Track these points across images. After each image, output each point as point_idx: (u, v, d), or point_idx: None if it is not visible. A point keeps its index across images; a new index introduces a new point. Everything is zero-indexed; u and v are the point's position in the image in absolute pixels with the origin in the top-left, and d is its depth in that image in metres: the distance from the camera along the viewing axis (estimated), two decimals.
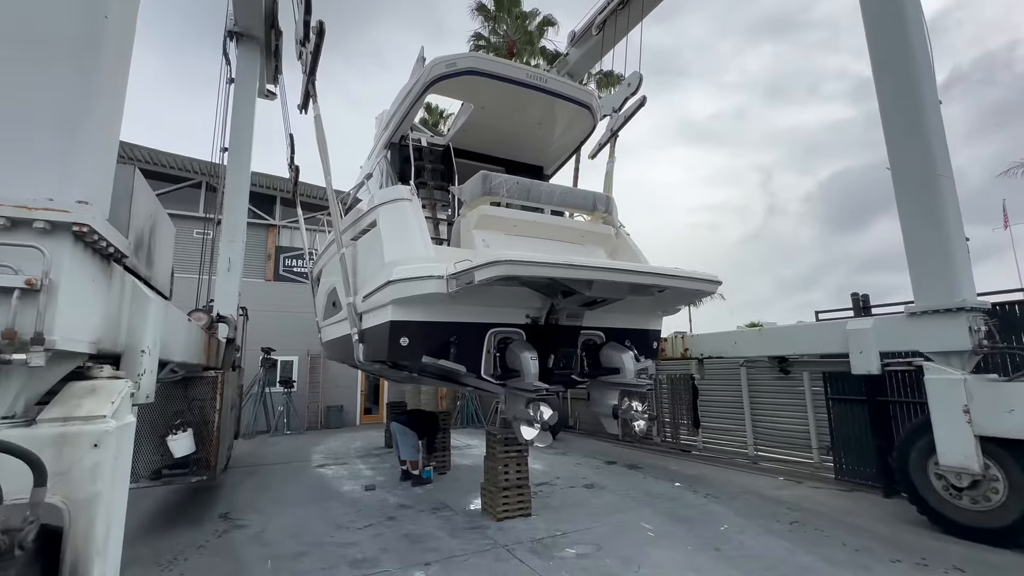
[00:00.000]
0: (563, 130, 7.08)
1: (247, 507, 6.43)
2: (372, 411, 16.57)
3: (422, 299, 4.58)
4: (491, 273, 3.81)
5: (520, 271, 3.78)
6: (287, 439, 12.91)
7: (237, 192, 9.82)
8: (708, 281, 4.80)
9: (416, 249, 4.79)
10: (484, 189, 5.22)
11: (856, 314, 6.84)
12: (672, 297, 5.27)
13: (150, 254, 2.69)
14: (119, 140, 2.15)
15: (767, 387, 8.59)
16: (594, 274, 4.03)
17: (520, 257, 3.78)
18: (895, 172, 5.45)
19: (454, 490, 7.15)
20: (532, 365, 4.61)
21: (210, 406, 5.75)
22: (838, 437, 7.03)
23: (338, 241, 5.99)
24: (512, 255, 3.76)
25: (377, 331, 5.08)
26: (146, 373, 2.37)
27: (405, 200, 5.23)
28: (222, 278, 9.41)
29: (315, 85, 6.37)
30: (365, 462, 9.49)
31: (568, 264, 3.94)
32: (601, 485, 7.23)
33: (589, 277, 4.03)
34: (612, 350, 5.46)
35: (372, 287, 5.09)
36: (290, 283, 16.10)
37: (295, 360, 15.36)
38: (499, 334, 5.08)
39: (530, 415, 4.44)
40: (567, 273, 3.92)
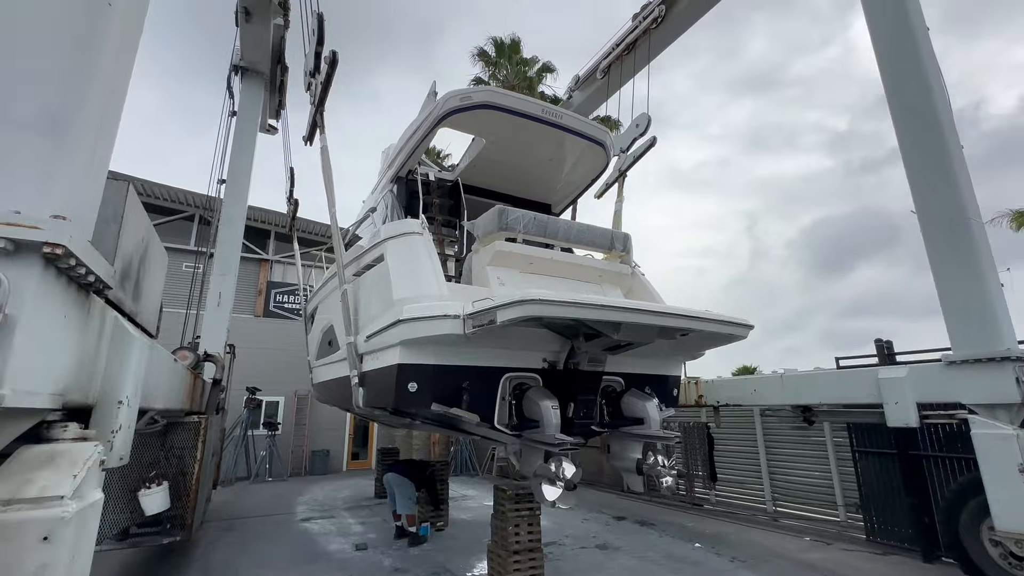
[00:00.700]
0: (574, 167, 6.93)
1: (223, 571, 5.75)
2: (360, 456, 15.71)
3: (435, 340, 4.19)
4: (516, 313, 3.47)
5: (549, 311, 3.44)
6: (269, 487, 12.05)
7: (232, 224, 9.49)
8: (740, 325, 4.48)
9: (428, 286, 4.44)
10: (500, 224, 4.95)
11: (881, 361, 6.55)
12: (699, 341, 4.94)
13: (138, 286, 2.32)
14: (113, 148, 1.82)
15: (784, 437, 8.18)
16: (627, 316, 3.70)
17: (549, 296, 3.45)
18: (922, 217, 5.30)
19: (454, 551, 6.52)
20: (553, 415, 4.19)
21: (190, 456, 5.20)
22: (868, 494, 6.58)
23: (340, 276, 5.63)
24: (539, 293, 3.43)
25: (381, 375, 4.65)
26: (122, 429, 1.94)
27: (416, 234, 4.92)
28: (211, 313, 8.94)
29: (323, 116, 6.20)
30: (354, 515, 8.76)
31: (600, 305, 3.61)
32: (615, 546, 6.63)
33: (622, 319, 3.69)
34: (634, 398, 5.06)
35: (377, 326, 4.70)
36: (280, 319, 15.56)
37: (281, 401, 14.63)
38: (514, 379, 4.68)
39: (552, 472, 3.98)
40: (598, 315, 3.59)
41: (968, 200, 5.09)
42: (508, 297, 3.55)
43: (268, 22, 9.51)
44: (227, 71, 10.23)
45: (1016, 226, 21.44)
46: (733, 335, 4.51)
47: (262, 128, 11.86)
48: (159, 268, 2.89)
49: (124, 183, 2.05)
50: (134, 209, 2.13)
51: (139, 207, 2.21)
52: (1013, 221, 21.58)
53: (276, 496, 10.69)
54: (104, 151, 1.78)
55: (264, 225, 16.27)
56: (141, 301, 2.42)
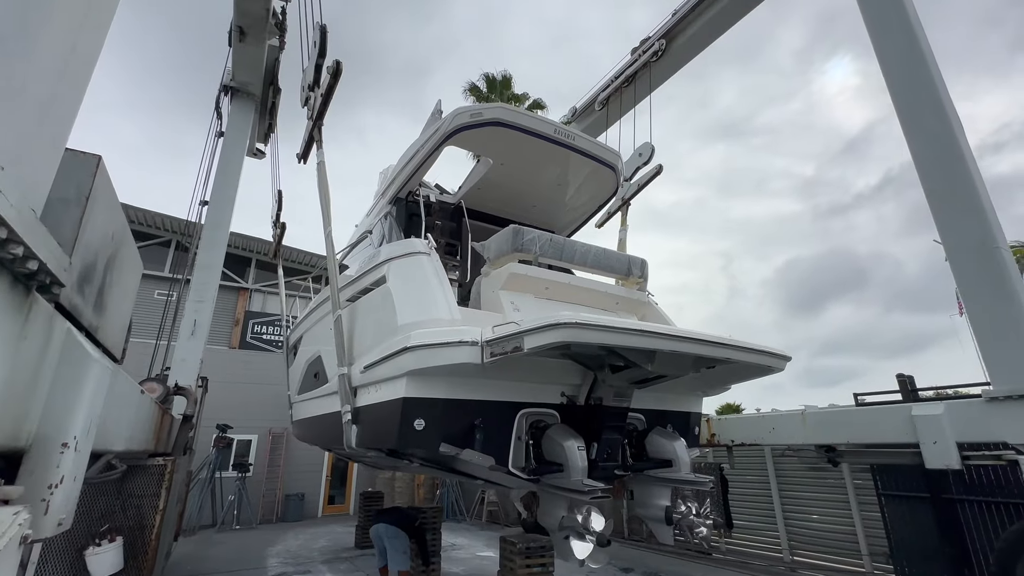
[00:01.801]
0: (582, 192, 6.67)
1: None
2: (337, 500, 14.61)
3: (447, 371, 3.70)
4: (550, 339, 3.03)
5: (587, 337, 3.01)
6: (237, 536, 10.96)
7: (213, 248, 8.93)
8: (780, 357, 4.12)
9: (439, 310, 3.98)
10: (515, 245, 4.57)
11: (904, 398, 6.25)
12: (730, 374, 4.55)
13: (102, 295, 1.82)
14: (75, 118, 1.38)
15: (799, 479, 7.73)
16: (674, 344, 3.29)
17: (587, 319, 3.03)
18: (949, 248, 5.12)
19: None
20: (580, 457, 3.69)
21: (150, 505, 4.49)
22: (897, 542, 6.12)
23: (334, 300, 5.13)
24: (574, 316, 3.01)
25: (381, 411, 4.10)
26: (64, 483, 1.42)
27: (422, 254, 4.50)
28: (183, 343, 8.25)
29: (321, 130, 5.84)
30: (333, 569, 7.88)
31: (646, 331, 3.20)
32: None
33: (670, 348, 3.28)
34: (661, 437, 4.60)
35: (377, 356, 4.18)
36: (257, 351, 14.70)
37: (254, 440, 13.61)
38: (531, 416, 4.18)
39: (582, 525, 3.46)
40: (643, 342, 3.17)
41: (995, 226, 4.94)
42: (538, 321, 3.12)
43: (263, 42, 9.28)
44: (217, 91, 9.90)
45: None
46: (772, 367, 4.13)
47: (249, 152, 11.47)
48: (131, 277, 2.38)
49: (94, 156, 1.60)
50: (104, 193, 1.67)
51: (111, 192, 1.75)
52: None
53: (245, 547, 9.67)
54: (65, 110, 1.34)
55: (245, 252, 15.61)
56: (105, 315, 1.91)
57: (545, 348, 3.11)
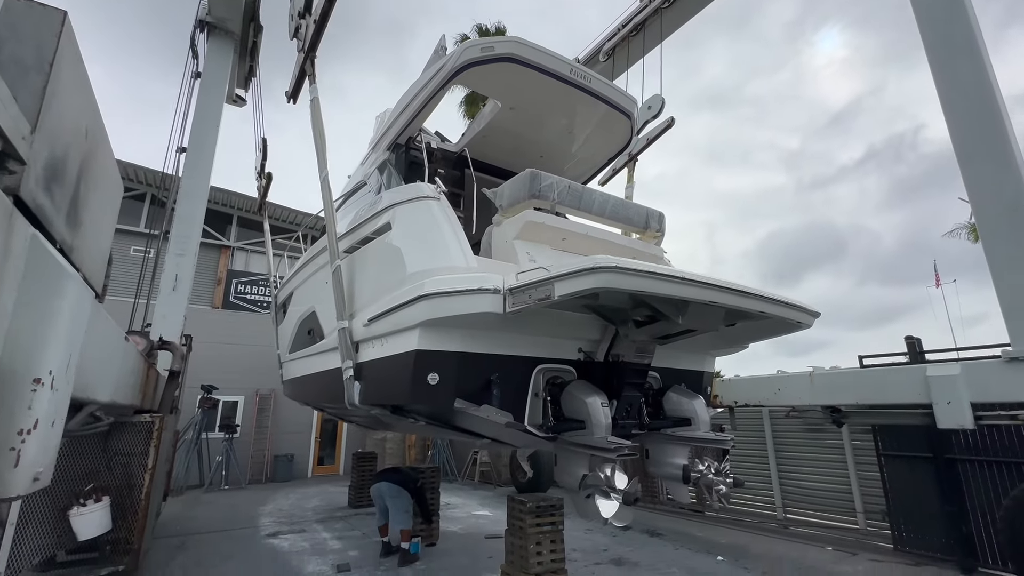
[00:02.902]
0: (592, 142, 6.28)
1: None
2: (326, 461, 14.53)
3: (464, 322, 3.43)
4: (585, 285, 2.75)
5: (627, 284, 2.74)
6: (226, 496, 10.81)
7: (193, 199, 8.35)
8: (809, 312, 3.93)
9: (452, 257, 3.66)
10: (532, 190, 4.22)
11: (911, 359, 6.21)
12: (754, 330, 4.36)
13: (76, 206, 1.47)
14: None
15: (795, 440, 7.78)
16: (718, 295, 3.05)
17: (629, 264, 2.75)
18: (977, 205, 4.93)
19: (452, 569, 5.71)
20: (604, 414, 3.50)
21: (139, 464, 4.21)
22: (895, 501, 6.20)
23: (332, 250, 4.76)
24: (615, 260, 2.73)
25: (390, 365, 3.83)
26: (38, 430, 1.11)
27: (431, 199, 4.14)
28: (165, 299, 7.80)
29: (314, 63, 5.32)
30: (328, 528, 7.78)
31: (693, 279, 2.94)
32: (631, 560, 5.99)
33: (716, 299, 3.03)
34: (680, 395, 4.44)
35: (384, 307, 3.88)
36: (241, 312, 14.22)
37: (240, 401, 13.31)
38: (548, 372, 3.96)
39: (607, 483, 3.28)
40: (688, 292, 2.91)
41: None
42: (572, 265, 2.83)
43: None
44: (192, 27, 9.06)
45: (974, 238, 22.41)
46: (800, 324, 3.94)
47: (229, 98, 10.70)
48: (110, 196, 2.00)
49: (58, 12, 1.22)
50: (72, 63, 1.30)
51: (80, 66, 1.37)
52: (972, 232, 22.52)
53: (235, 507, 9.52)
54: None
55: (226, 208, 14.89)
56: (81, 234, 1.56)
57: (578, 296, 2.84)
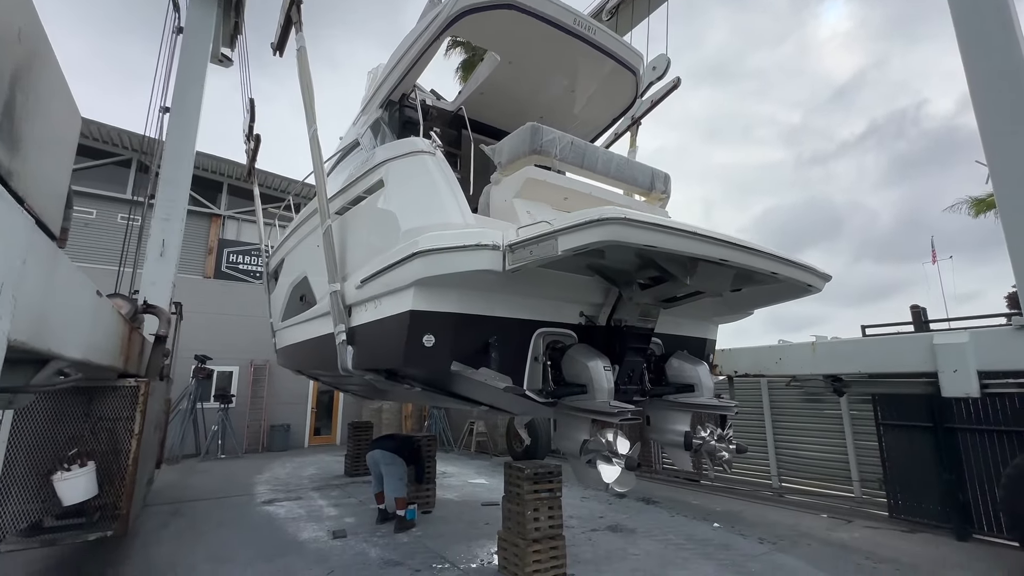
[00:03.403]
0: (595, 102, 6.00)
1: (169, 569, 4.70)
2: (323, 431, 14.56)
3: (461, 281, 3.25)
4: (591, 238, 2.57)
5: (637, 238, 2.56)
6: (222, 465, 10.81)
7: (179, 161, 8.04)
8: (821, 276, 3.77)
9: (449, 213, 3.46)
10: (533, 145, 3.99)
11: (917, 328, 6.12)
12: (762, 295, 4.22)
13: (12, 120, 1.26)
14: None
15: (793, 410, 7.76)
16: (733, 254, 2.87)
17: (640, 216, 2.56)
18: (994, 170, 4.74)
19: (448, 536, 5.70)
20: (606, 378, 3.37)
21: (125, 429, 4.08)
22: (893, 469, 6.20)
23: (323, 210, 4.55)
24: (623, 211, 2.55)
25: (383, 328, 3.67)
26: None
27: (426, 153, 3.91)
28: (152, 265, 7.58)
29: (300, 8, 4.98)
30: (325, 496, 7.77)
31: (706, 235, 2.76)
32: (628, 527, 6.00)
33: (731, 257, 2.86)
34: (683, 361, 4.32)
35: (377, 267, 3.70)
36: (234, 281, 13.99)
37: (235, 371, 13.22)
38: (548, 336, 3.81)
39: (609, 448, 3.18)
40: (699, 248, 2.74)
41: None
42: (577, 217, 2.65)
43: None
44: None
45: (975, 213, 22.25)
46: (811, 288, 3.79)
47: (214, 57, 10.23)
48: (63, 122, 1.78)
49: None
50: None
51: None
52: (972, 207, 22.35)
53: (231, 475, 9.51)
54: None
55: (216, 176, 14.48)
56: (23, 157, 1.36)
57: (583, 250, 2.67)
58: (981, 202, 22.53)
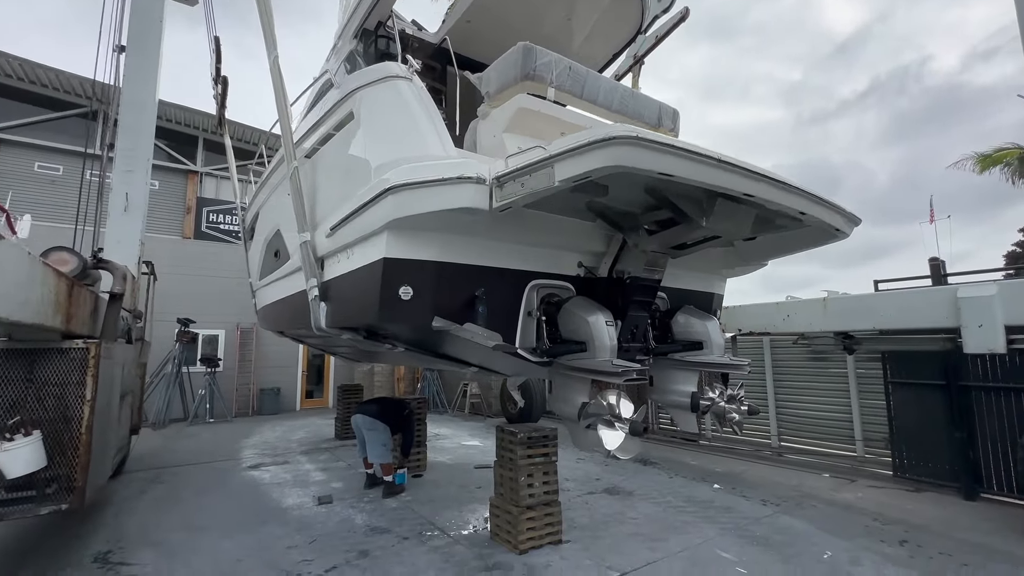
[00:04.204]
0: (597, 32, 5.39)
1: (142, 539, 4.42)
2: (315, 394, 14.36)
3: (441, 223, 2.80)
4: (595, 163, 2.12)
5: (654, 163, 2.10)
6: (209, 429, 10.59)
7: (139, 106, 7.35)
8: (851, 218, 3.35)
9: (428, 144, 2.97)
10: (525, 70, 3.46)
11: (935, 282, 5.77)
12: (779, 243, 3.80)
13: None
14: None
15: (795, 368, 7.50)
16: (759, 188, 2.43)
17: (650, 135, 2.11)
18: None
19: (439, 501, 5.47)
20: (608, 334, 2.98)
21: (75, 395, 3.68)
22: (899, 428, 5.98)
23: (288, 149, 4.02)
24: (632, 129, 2.09)
25: (356, 280, 3.24)
26: None
27: (401, 78, 3.36)
28: (116, 221, 7.03)
29: None
30: (313, 460, 7.55)
31: (733, 163, 2.31)
32: (625, 490, 5.80)
33: (757, 194, 2.42)
34: (691, 317, 3.95)
35: (347, 210, 3.23)
36: (215, 242, 13.40)
37: (221, 335, 12.83)
38: (542, 289, 3.40)
39: (611, 410, 2.83)
40: (723, 179, 2.29)
41: None
42: (577, 139, 2.18)
43: None
44: None
45: (980, 169, 21.72)
46: (839, 232, 3.37)
47: None
48: None
49: None
50: None
51: None
52: (978, 163, 21.80)
53: (218, 439, 9.28)
54: None
55: (190, 130, 13.64)
56: None
57: (585, 179, 2.22)
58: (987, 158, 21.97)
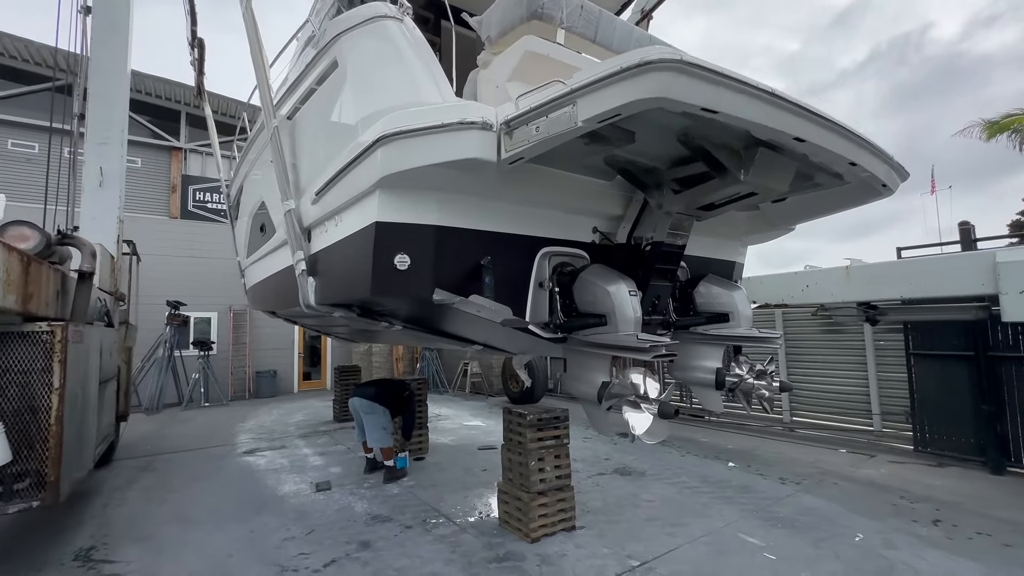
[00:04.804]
0: None
1: (129, 533, 4.15)
2: (312, 376, 14.10)
3: (442, 180, 2.43)
4: (633, 94, 1.74)
5: (702, 96, 1.73)
6: (204, 413, 10.32)
7: (109, 72, 6.84)
8: (900, 171, 2.99)
9: (422, 90, 2.57)
10: (531, 7, 3.03)
11: (964, 247, 5.44)
12: (811, 204, 3.44)
13: None
14: None
15: (809, 341, 7.23)
16: (815, 132, 2.07)
17: (697, 59, 1.73)
18: None
19: (443, 485, 5.22)
20: (632, 305, 2.65)
21: (41, 383, 3.35)
22: (921, 400, 5.74)
23: (266, 107, 3.61)
24: (677, 52, 1.72)
25: (348, 249, 2.88)
26: None
27: (390, 18, 2.93)
28: (91, 197, 6.59)
29: None
30: (310, 444, 7.30)
31: (791, 100, 1.94)
32: (637, 470, 5.56)
33: (810, 138, 2.06)
34: (717, 286, 3.61)
35: (334, 170, 2.85)
36: (203, 222, 12.92)
37: (213, 317, 12.48)
38: (555, 257, 3.05)
39: (636, 390, 2.52)
40: (779, 119, 1.92)
41: None
42: (611, 64, 1.80)
43: None
44: None
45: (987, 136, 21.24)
46: (886, 188, 3.00)
47: None
48: None
49: None
50: None
51: None
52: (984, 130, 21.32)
53: (213, 424, 9.02)
54: None
55: (172, 104, 13.03)
56: None
57: (617, 117, 1.85)
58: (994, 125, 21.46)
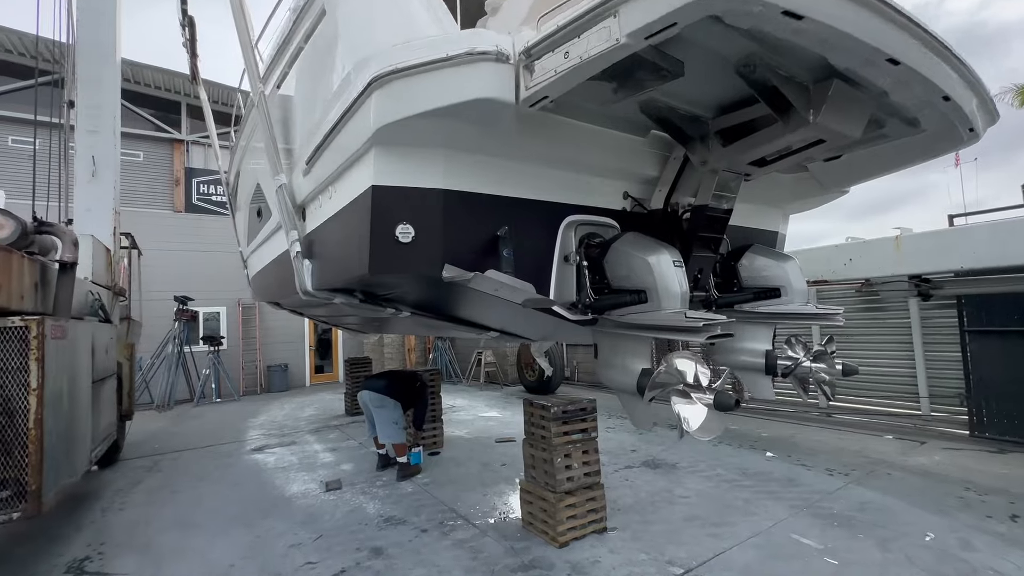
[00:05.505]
0: None
1: (127, 540, 3.89)
2: (324, 369, 13.90)
3: (450, 132, 2.03)
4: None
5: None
6: (216, 409, 10.15)
7: (98, 57, 6.51)
8: (991, 111, 2.51)
9: (419, 25, 2.16)
10: None
11: None
12: (874, 159, 2.97)
13: None
14: None
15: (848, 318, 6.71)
16: (923, 59, 1.66)
17: None
18: None
19: (460, 482, 4.90)
20: (677, 278, 2.24)
21: (17, 383, 3.05)
22: (978, 381, 5.26)
23: (252, 72, 3.23)
24: None
25: (343, 222, 2.50)
26: None
27: None
28: (84, 189, 6.31)
29: None
30: (321, 439, 7.03)
31: (901, 9, 1.52)
32: (668, 462, 5.18)
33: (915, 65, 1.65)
34: (765, 257, 3.18)
35: (324, 130, 2.46)
36: (208, 215, 12.68)
37: (222, 312, 12.29)
38: (581, 227, 2.65)
39: (684, 380, 2.12)
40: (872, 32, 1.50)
41: None
42: None
43: None
44: None
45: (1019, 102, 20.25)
46: (971, 133, 2.52)
47: None
48: None
49: None
50: None
51: None
52: (1017, 97, 20.30)
53: (223, 420, 8.82)
54: None
55: (172, 95, 12.73)
56: None
57: (670, 25, 1.44)
58: None
